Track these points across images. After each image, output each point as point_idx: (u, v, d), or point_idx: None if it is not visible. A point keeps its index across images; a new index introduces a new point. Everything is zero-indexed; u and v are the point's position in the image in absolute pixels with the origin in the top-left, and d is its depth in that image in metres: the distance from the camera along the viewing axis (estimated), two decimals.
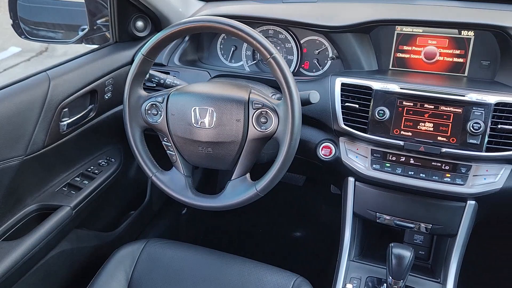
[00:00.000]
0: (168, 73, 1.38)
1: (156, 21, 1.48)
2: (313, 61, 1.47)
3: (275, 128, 1.05)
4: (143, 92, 1.15)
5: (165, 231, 1.93)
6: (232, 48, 1.55)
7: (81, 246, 1.45)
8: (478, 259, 1.60)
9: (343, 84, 1.22)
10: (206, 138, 1.09)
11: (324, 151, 1.28)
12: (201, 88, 1.14)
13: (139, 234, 1.81)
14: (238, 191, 1.09)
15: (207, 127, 1.08)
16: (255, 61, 1.53)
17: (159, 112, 1.13)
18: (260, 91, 1.16)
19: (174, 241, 1.29)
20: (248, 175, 1.11)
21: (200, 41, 1.57)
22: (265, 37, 1.48)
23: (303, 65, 1.49)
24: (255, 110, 1.06)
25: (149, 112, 1.14)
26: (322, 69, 1.47)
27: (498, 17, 1.25)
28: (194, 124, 1.09)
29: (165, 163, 1.19)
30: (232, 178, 1.11)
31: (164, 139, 1.15)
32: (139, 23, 1.48)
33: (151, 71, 1.26)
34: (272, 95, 1.28)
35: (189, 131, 1.10)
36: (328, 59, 1.45)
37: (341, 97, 1.21)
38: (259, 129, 1.06)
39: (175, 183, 1.15)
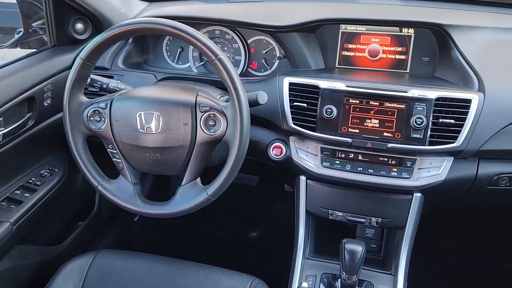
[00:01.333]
0: (111, 77, 1.33)
1: (97, 22, 1.42)
2: (261, 61, 1.47)
3: (224, 130, 1.03)
4: (84, 98, 1.10)
5: (117, 241, 1.87)
6: (179, 50, 1.52)
7: (25, 263, 1.36)
8: (427, 250, 1.66)
9: (291, 84, 1.22)
10: (153, 144, 1.05)
11: (275, 151, 1.28)
12: (146, 92, 1.11)
13: (88, 246, 1.73)
14: (189, 196, 1.06)
15: (153, 132, 1.04)
16: (202, 62, 1.51)
17: (102, 119, 1.08)
18: (207, 93, 1.14)
19: (125, 251, 1.24)
20: (198, 179, 1.09)
21: (145, 43, 1.52)
22: (212, 37, 1.48)
23: (251, 65, 1.48)
24: (202, 113, 1.04)
25: (91, 119, 1.09)
26: (270, 69, 1.47)
27: (436, 15, 1.30)
28: (140, 130, 1.05)
29: (112, 171, 1.14)
30: (182, 184, 1.08)
31: (109, 146, 1.10)
32: (79, 25, 1.41)
33: (92, 76, 1.21)
34: (220, 97, 1.26)
35: (135, 137, 1.06)
36: (276, 58, 1.45)
37: (290, 96, 1.22)
38: (208, 133, 1.04)
39: (122, 191, 1.11)
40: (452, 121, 1.12)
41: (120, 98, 1.09)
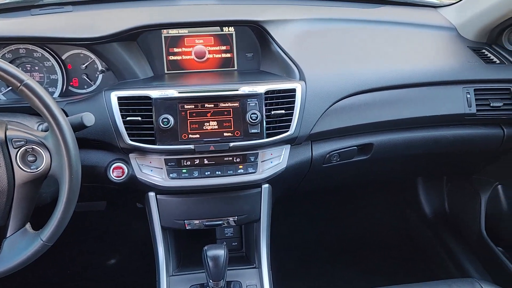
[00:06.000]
0: None
1: None
2: (82, 77, 1.33)
3: (48, 164, 0.90)
4: None
5: None
6: None
7: None
8: (286, 239, 1.77)
9: (119, 98, 1.13)
10: None
11: (116, 173, 1.18)
12: None
13: None
14: (19, 248, 0.91)
15: None
16: (10, 87, 1.30)
17: None
18: (20, 124, 0.99)
19: None
20: (28, 225, 0.94)
21: None
22: (15, 59, 1.28)
23: (71, 83, 1.33)
24: (17, 149, 0.89)
25: None
26: (94, 84, 1.34)
27: (252, 12, 1.36)
28: None
29: None
30: (7, 235, 0.91)
31: None
32: None
33: None
34: (38, 126, 1.10)
35: None
36: (98, 72, 1.33)
37: (121, 112, 1.13)
38: (29, 170, 0.90)
39: None
40: (283, 111, 1.18)
41: None
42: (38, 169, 0.90)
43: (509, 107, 1.37)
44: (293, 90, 1.19)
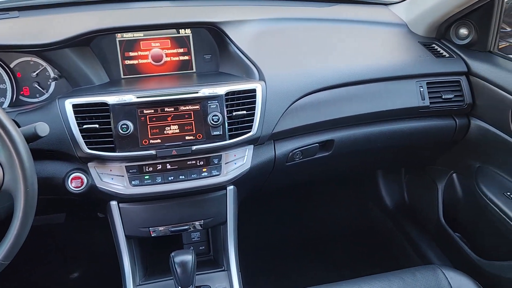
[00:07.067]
0: None
1: None
2: (34, 86, 1.27)
3: (1, 179, 0.86)
4: None
5: None
6: None
7: None
8: (253, 239, 1.76)
9: (74, 106, 1.09)
10: None
11: (75, 183, 1.14)
12: None
13: None
14: None
15: None
16: None
17: None
18: None
19: None
20: None
21: None
22: None
23: (22, 92, 1.28)
24: None
25: None
26: (47, 92, 1.29)
27: (209, 14, 1.35)
28: None
29: None
30: None
31: None
32: None
33: None
34: None
35: None
36: (51, 80, 1.28)
37: (77, 120, 1.09)
38: None
39: None
40: (244, 112, 1.18)
41: None
42: None
43: (460, 99, 1.44)
44: (254, 91, 1.19)
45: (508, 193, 1.35)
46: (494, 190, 1.39)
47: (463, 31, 1.48)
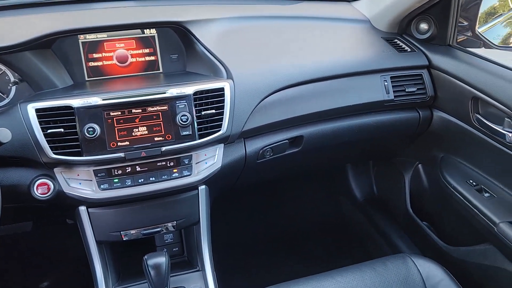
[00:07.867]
0: None
1: None
2: None
3: None
4: None
5: None
6: None
7: None
8: (226, 237, 1.76)
9: (37, 110, 1.06)
10: None
11: (41, 190, 1.11)
12: None
13: None
14: None
15: None
16: None
17: None
18: None
19: None
20: None
21: None
22: None
23: None
24: None
25: None
26: (7, 97, 1.24)
27: (174, 13, 1.33)
28: None
29: None
30: None
31: None
32: None
33: None
34: None
35: None
36: (11, 84, 1.23)
37: (40, 124, 1.06)
38: None
39: None
40: (213, 111, 1.17)
41: None
42: None
43: (422, 91, 1.48)
44: (222, 89, 1.19)
45: (471, 181, 1.41)
46: (457, 179, 1.45)
47: (424, 26, 1.53)
